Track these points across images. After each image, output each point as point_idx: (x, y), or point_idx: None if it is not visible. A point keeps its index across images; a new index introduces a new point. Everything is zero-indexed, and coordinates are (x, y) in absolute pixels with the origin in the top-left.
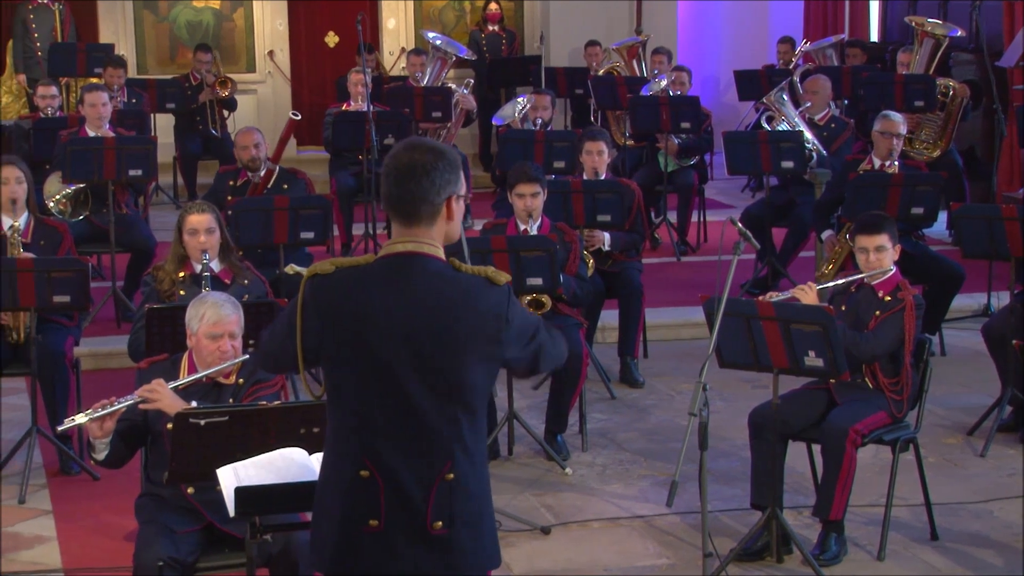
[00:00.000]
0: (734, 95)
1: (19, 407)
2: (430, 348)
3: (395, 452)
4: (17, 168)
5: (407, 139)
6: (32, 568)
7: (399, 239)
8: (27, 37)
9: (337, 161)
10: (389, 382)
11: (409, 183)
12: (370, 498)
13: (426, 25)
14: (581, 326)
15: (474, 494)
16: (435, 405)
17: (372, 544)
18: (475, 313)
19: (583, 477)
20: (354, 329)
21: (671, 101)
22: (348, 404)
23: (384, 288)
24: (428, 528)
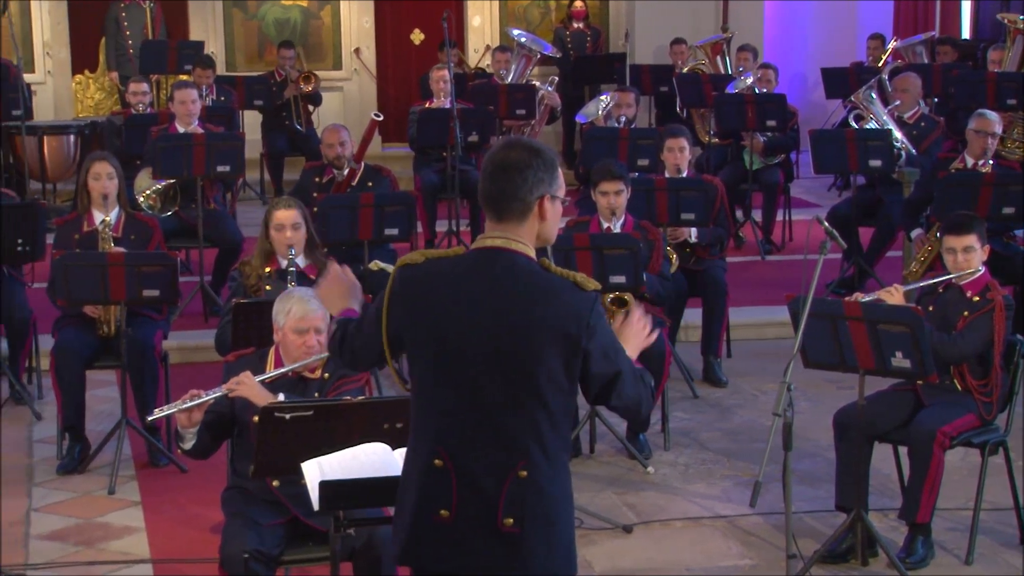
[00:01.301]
0: (821, 93)
1: (109, 399)
2: (509, 343)
3: (468, 444)
4: (109, 164)
5: (508, 138)
6: (121, 558)
7: (490, 234)
8: (119, 35)
9: (421, 158)
10: (466, 374)
11: (501, 180)
12: (442, 488)
13: (511, 22)
14: (664, 325)
15: (549, 495)
16: (510, 401)
17: (442, 535)
18: (557, 313)
19: (665, 476)
20: (436, 319)
21: (757, 99)
22: (427, 393)
23: (469, 281)
24: (499, 524)
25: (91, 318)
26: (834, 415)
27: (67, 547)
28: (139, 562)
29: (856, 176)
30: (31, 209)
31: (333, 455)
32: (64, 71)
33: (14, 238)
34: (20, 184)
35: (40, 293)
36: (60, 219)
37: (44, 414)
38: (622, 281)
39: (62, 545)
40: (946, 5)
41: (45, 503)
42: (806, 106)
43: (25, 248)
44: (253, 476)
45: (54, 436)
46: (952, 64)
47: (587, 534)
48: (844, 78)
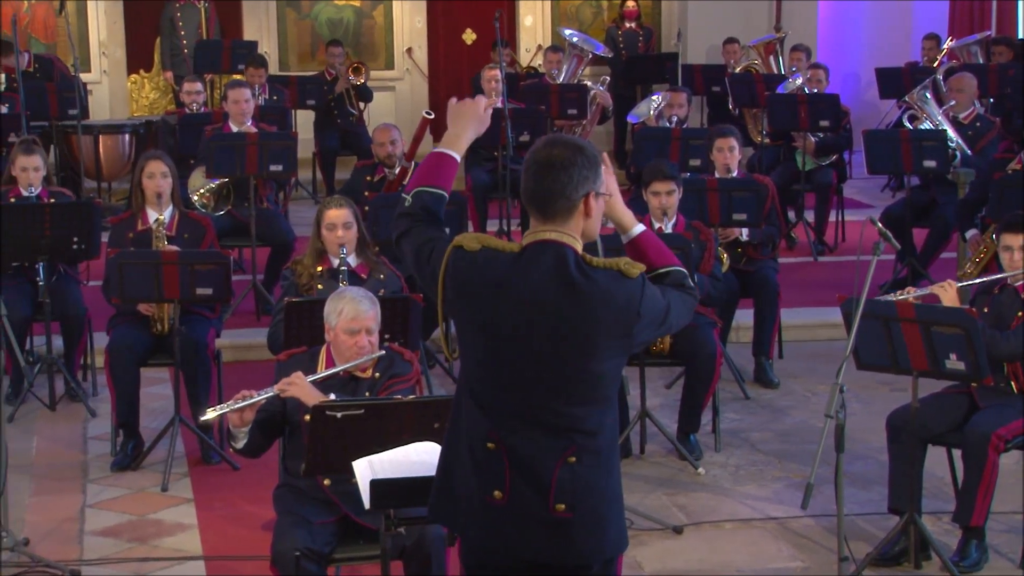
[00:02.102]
0: (875, 93)
1: (162, 397)
2: (558, 336)
3: (519, 430)
4: (163, 163)
5: (549, 135)
6: (174, 555)
7: (539, 228)
8: (174, 34)
9: (473, 158)
10: (515, 362)
11: (547, 178)
12: (495, 470)
13: (563, 22)
14: (715, 325)
15: (598, 480)
16: (559, 389)
17: (496, 517)
18: (607, 309)
19: (716, 477)
20: (486, 308)
21: (809, 98)
22: (476, 376)
23: (520, 274)
24: (550, 509)
25: (145, 316)
26: (887, 417)
27: (120, 543)
28: (191, 559)
29: (910, 177)
30: (86, 208)
31: (384, 454)
32: (119, 71)
33: (69, 236)
34: (75, 183)
35: (95, 291)
36: (115, 218)
37: (99, 411)
38: None
39: (116, 541)
40: (1002, 5)
41: (99, 499)
42: (859, 106)
43: (80, 246)
44: (304, 474)
45: (108, 433)
46: (1008, 64)
47: (637, 535)
48: (898, 78)
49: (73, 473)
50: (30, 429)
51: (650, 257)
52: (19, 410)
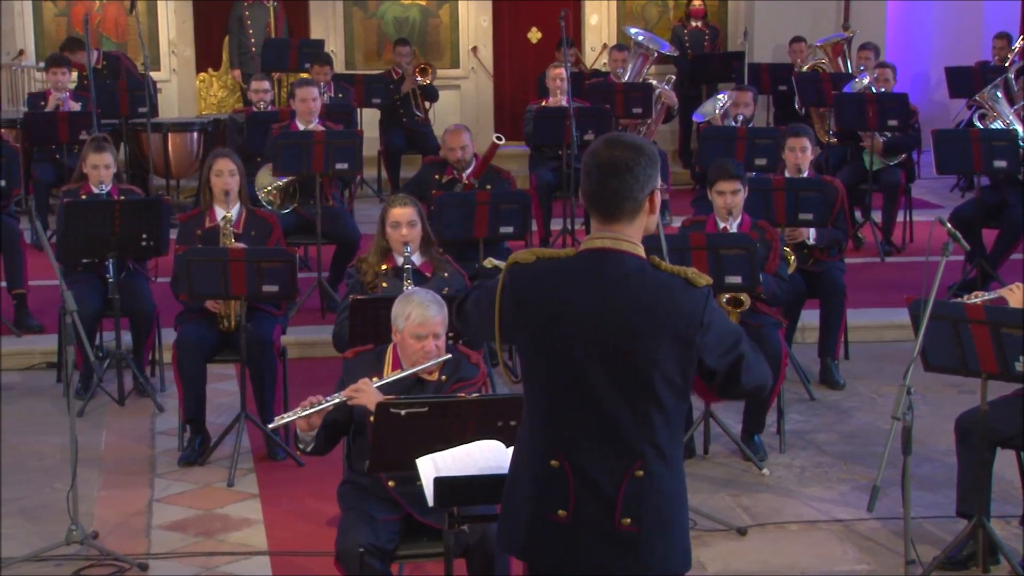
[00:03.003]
0: (944, 92)
1: (229, 393)
2: (621, 345)
3: (584, 446)
4: (231, 160)
5: (606, 135)
6: (239, 550)
7: (598, 235)
8: (242, 33)
9: (537, 156)
10: (579, 376)
11: (612, 180)
12: (559, 488)
13: (629, 21)
14: (780, 326)
15: (666, 494)
16: (624, 402)
17: (560, 535)
18: (669, 313)
19: (780, 478)
20: (546, 321)
21: (878, 98)
22: (539, 393)
23: (579, 283)
24: (616, 524)
25: (212, 313)
26: (956, 420)
27: (187, 538)
28: (257, 554)
29: (980, 177)
30: (155, 205)
31: (447, 451)
32: (188, 69)
33: (139, 233)
34: (143, 180)
35: (163, 287)
36: (183, 215)
37: (166, 406)
38: (738, 281)
39: (182, 536)
40: None
41: (166, 494)
42: (928, 106)
43: (149, 243)
44: (369, 471)
45: (176, 428)
46: None
47: (701, 535)
48: (968, 77)
49: (141, 468)
50: (99, 424)
51: None
52: (89, 405)
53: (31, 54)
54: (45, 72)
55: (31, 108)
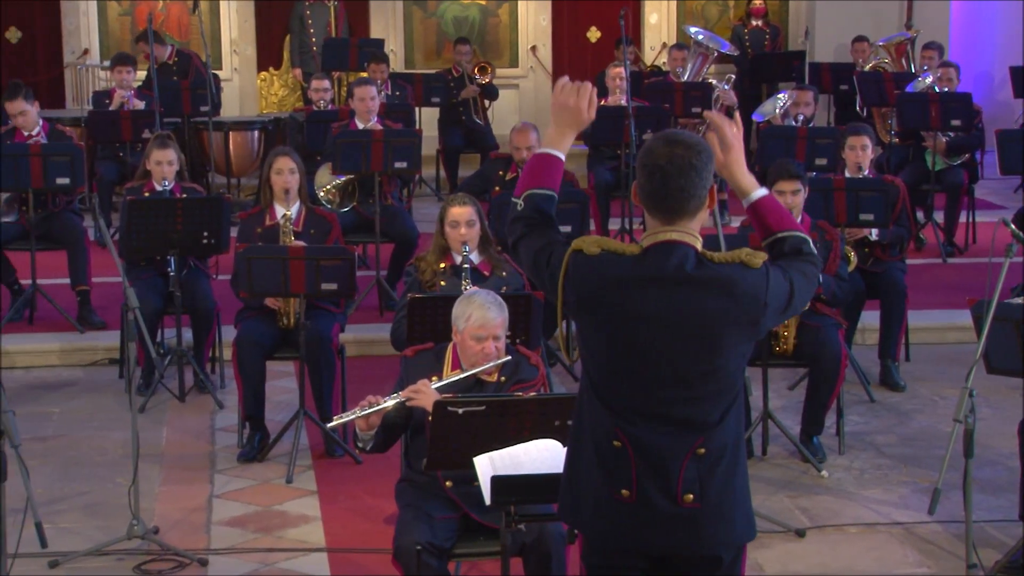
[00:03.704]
0: (1008, 92)
1: (288, 390)
2: (686, 339)
3: (646, 427)
4: (291, 159)
5: (662, 134)
6: (298, 546)
7: (659, 229)
8: (303, 33)
9: (595, 155)
10: (642, 363)
11: (677, 180)
12: (622, 468)
13: (688, 20)
14: (840, 327)
15: (726, 469)
16: (686, 387)
17: (624, 513)
18: (733, 301)
19: (839, 480)
20: (608, 311)
21: (941, 97)
22: (600, 377)
23: (642, 278)
24: (679, 501)
25: (272, 310)
26: (1019, 423)
27: (247, 533)
28: (315, 550)
29: None
30: (216, 203)
31: (504, 450)
32: (250, 68)
33: (200, 231)
34: (202, 177)
35: (224, 285)
36: (244, 213)
37: (226, 403)
38: None
39: (242, 531)
40: None
41: (226, 490)
42: (992, 106)
43: (210, 241)
44: (426, 469)
45: (235, 425)
46: None
47: (759, 537)
48: None
49: (201, 463)
50: (160, 420)
51: (769, 221)
52: (150, 401)
53: (95, 53)
54: (110, 71)
55: (96, 106)
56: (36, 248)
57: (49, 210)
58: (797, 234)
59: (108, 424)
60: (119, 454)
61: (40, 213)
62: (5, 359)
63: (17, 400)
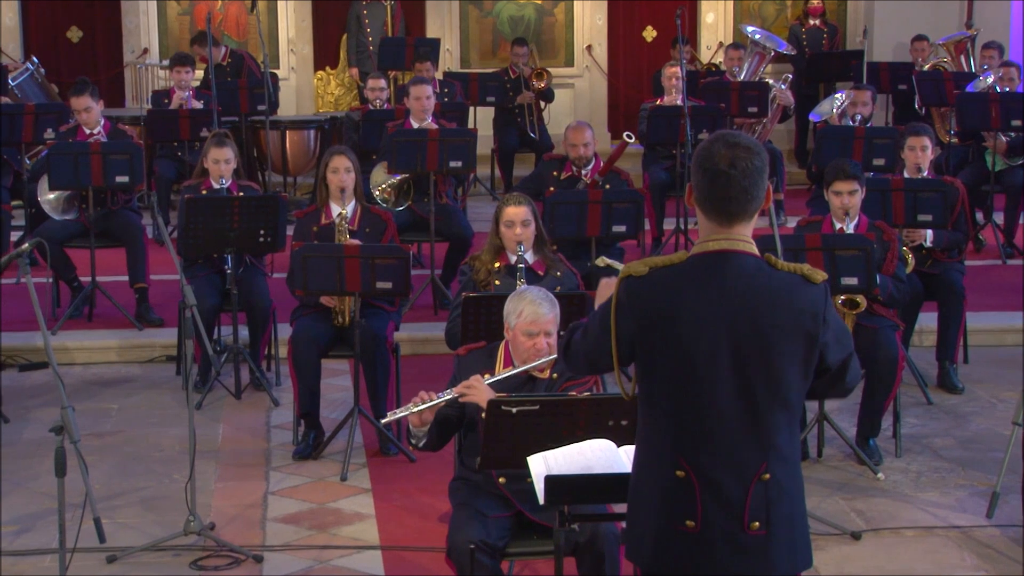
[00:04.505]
0: None
1: (343, 388)
2: (747, 347)
3: (711, 453)
4: (347, 158)
5: (721, 136)
6: (352, 543)
7: (713, 236)
8: (360, 32)
9: (651, 155)
10: (705, 382)
11: (741, 182)
12: (686, 499)
13: (745, 19)
14: (897, 328)
15: (790, 494)
16: (752, 404)
17: (689, 545)
18: (792, 311)
19: (896, 483)
20: (669, 330)
21: (1001, 98)
22: (662, 404)
23: (699, 287)
24: (745, 529)
25: (327, 308)
26: None
27: (301, 530)
28: (369, 548)
29: None
30: (272, 201)
31: (558, 450)
32: (306, 67)
33: (256, 229)
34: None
35: (280, 283)
36: (300, 211)
37: (282, 400)
38: (854, 283)
39: (296, 528)
40: None
41: (281, 487)
42: None
43: (266, 239)
44: (479, 468)
45: (291, 422)
46: None
47: (814, 539)
48: None
49: (256, 460)
50: (216, 416)
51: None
52: (206, 398)
53: (155, 52)
54: (169, 71)
55: (155, 105)
56: (95, 246)
57: (108, 208)
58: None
59: (165, 420)
60: (176, 450)
61: (99, 211)
62: (65, 355)
63: (76, 396)
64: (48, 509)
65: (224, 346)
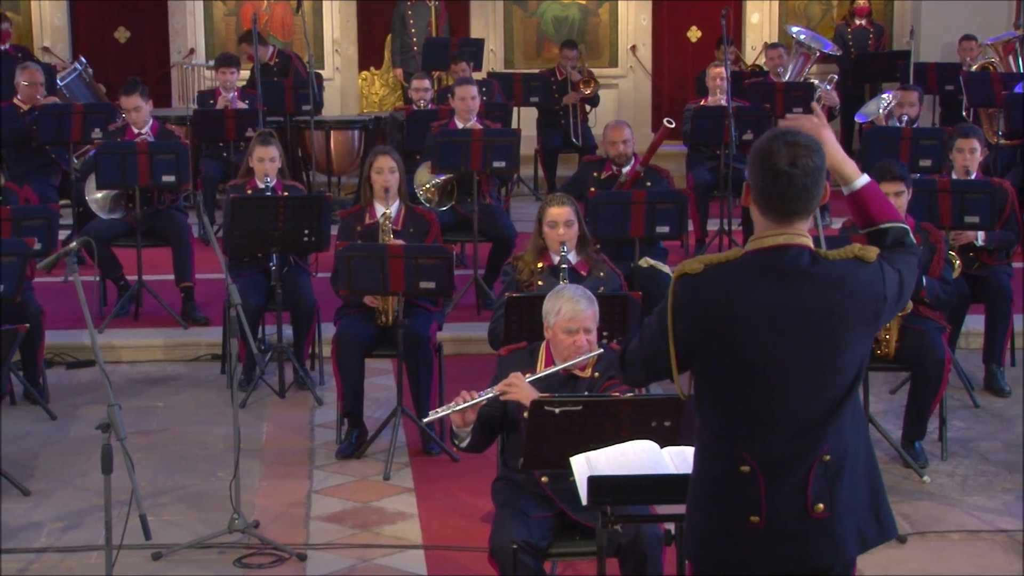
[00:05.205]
0: None
1: (386, 387)
2: (808, 340)
3: (774, 445)
4: (391, 158)
5: (780, 134)
6: (395, 543)
7: (769, 232)
8: (404, 32)
9: (695, 155)
10: (765, 378)
11: (802, 180)
12: (750, 494)
13: (791, 19)
14: (944, 330)
15: (855, 470)
16: (812, 394)
17: (755, 540)
18: (853, 299)
19: (942, 486)
20: (727, 327)
21: None
22: (723, 401)
23: (757, 282)
24: (809, 512)
25: (371, 308)
26: None
27: (344, 529)
28: (411, 547)
29: None
30: (317, 201)
31: (601, 451)
32: (351, 67)
33: (301, 229)
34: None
35: (324, 282)
36: (344, 211)
37: (325, 400)
38: None
39: (339, 527)
40: None
41: (324, 486)
42: None
43: (311, 238)
44: (522, 468)
45: (334, 421)
46: None
47: None
48: None
49: (300, 459)
50: (261, 415)
51: (871, 211)
52: (251, 396)
53: (201, 53)
54: (214, 71)
55: (200, 105)
56: (142, 245)
57: (155, 207)
58: (899, 225)
59: (210, 419)
60: (221, 448)
61: (146, 210)
62: (111, 353)
63: (122, 394)
64: (95, 506)
65: (268, 345)
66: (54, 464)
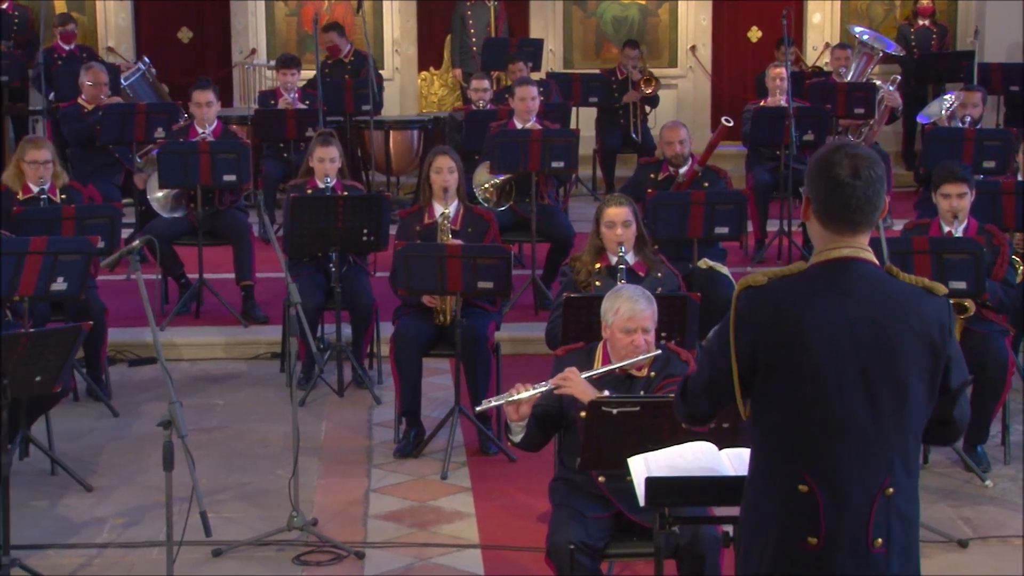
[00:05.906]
0: None
1: (444, 387)
2: (874, 357)
3: (836, 466)
4: (450, 158)
5: (840, 146)
6: (452, 542)
7: (833, 244)
8: (464, 33)
9: (754, 156)
10: (829, 394)
11: (866, 192)
12: (809, 514)
13: (853, 20)
14: (1007, 334)
15: (910, 511)
16: (877, 417)
17: (811, 562)
18: (919, 320)
19: (1005, 491)
20: (791, 341)
21: None
22: (784, 418)
23: (822, 297)
24: (869, 546)
25: (429, 308)
26: None
27: (402, 528)
28: (468, 547)
29: None
30: (376, 201)
31: (659, 452)
32: (411, 67)
33: (360, 228)
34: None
35: (383, 282)
36: (403, 211)
37: (383, 399)
38: (962, 287)
39: (397, 526)
40: None
41: (382, 484)
42: None
43: (370, 238)
44: (579, 468)
45: (392, 420)
46: None
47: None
48: None
49: (358, 458)
50: (319, 413)
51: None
52: (310, 395)
53: (262, 53)
54: (275, 72)
55: (261, 105)
56: (203, 243)
57: (216, 207)
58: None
59: (269, 417)
60: (280, 446)
61: (207, 210)
62: (172, 351)
63: (183, 391)
64: (156, 503)
65: (327, 344)
66: (116, 460)
